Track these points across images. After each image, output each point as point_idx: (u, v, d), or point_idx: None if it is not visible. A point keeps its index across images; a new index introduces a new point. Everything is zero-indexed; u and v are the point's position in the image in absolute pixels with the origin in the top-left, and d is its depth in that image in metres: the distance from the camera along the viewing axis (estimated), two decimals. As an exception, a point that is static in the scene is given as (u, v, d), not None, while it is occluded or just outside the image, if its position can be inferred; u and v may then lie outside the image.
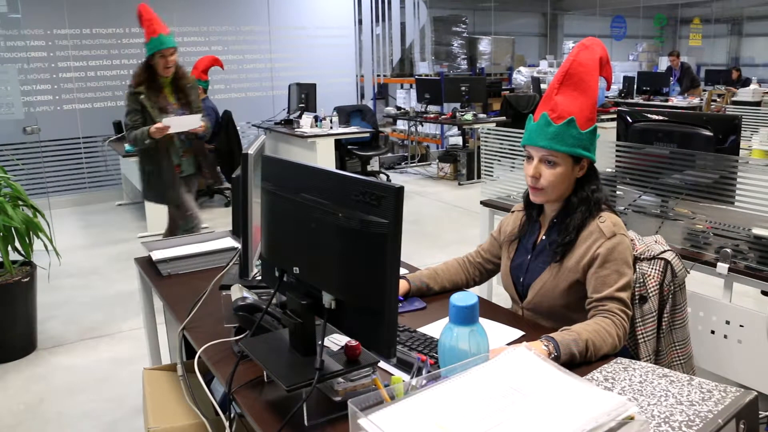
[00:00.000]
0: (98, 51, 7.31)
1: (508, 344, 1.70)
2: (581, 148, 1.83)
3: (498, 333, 1.78)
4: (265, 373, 1.54)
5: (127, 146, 5.95)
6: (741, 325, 2.46)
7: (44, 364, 3.53)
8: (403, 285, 2.07)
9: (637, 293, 1.87)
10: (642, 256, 1.90)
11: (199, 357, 1.70)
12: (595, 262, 1.80)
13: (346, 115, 7.76)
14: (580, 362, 1.60)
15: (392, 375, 1.53)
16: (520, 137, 2.04)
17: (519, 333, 1.80)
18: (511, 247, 2.06)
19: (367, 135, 7.50)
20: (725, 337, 2.51)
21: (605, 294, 1.77)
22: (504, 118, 8.45)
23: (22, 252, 3.57)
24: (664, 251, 1.88)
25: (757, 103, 8.85)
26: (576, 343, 1.60)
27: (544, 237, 1.96)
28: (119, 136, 6.67)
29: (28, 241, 3.56)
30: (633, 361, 1.53)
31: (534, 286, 1.94)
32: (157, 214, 5.87)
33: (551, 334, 1.62)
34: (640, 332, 1.85)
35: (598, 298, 1.77)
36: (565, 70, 1.86)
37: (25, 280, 3.57)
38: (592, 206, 1.87)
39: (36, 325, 3.76)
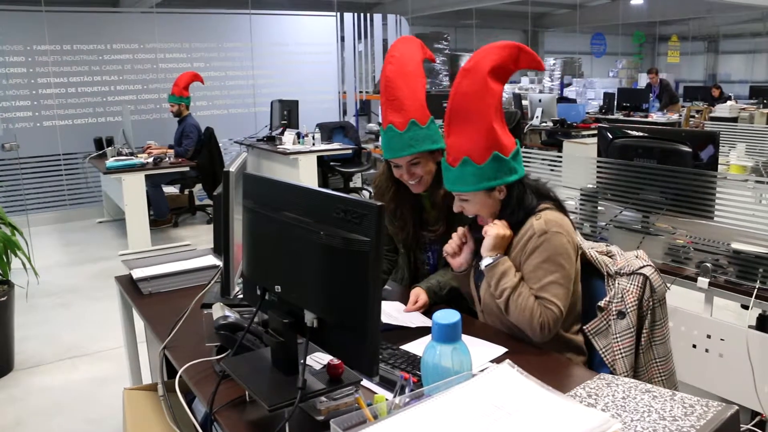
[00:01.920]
0: (79, 67, 7.26)
1: (491, 361, 1.70)
2: (485, 180, 1.83)
3: (481, 350, 1.78)
4: (247, 393, 1.53)
5: (108, 163, 5.92)
6: (722, 339, 2.48)
7: (21, 385, 3.46)
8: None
9: (615, 309, 1.87)
10: (621, 271, 1.90)
11: (180, 376, 1.68)
12: (525, 258, 1.86)
13: (329, 131, 7.76)
14: (497, 290, 1.86)
15: (375, 393, 1.52)
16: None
17: (502, 350, 1.80)
18: None
19: (350, 151, 7.50)
20: (707, 351, 2.52)
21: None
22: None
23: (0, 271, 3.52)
24: (643, 266, 1.88)
25: (734, 119, 8.98)
26: (511, 277, 1.84)
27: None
28: (100, 153, 6.63)
29: (5, 259, 3.51)
30: (616, 377, 1.53)
31: (482, 288, 1.99)
32: (139, 232, 5.85)
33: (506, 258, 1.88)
34: (617, 348, 1.84)
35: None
36: (450, 107, 1.83)
37: (2, 299, 3.51)
38: (521, 216, 1.89)
39: (13, 345, 3.69)
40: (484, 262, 1.90)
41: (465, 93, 1.81)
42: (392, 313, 2.06)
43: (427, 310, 2.10)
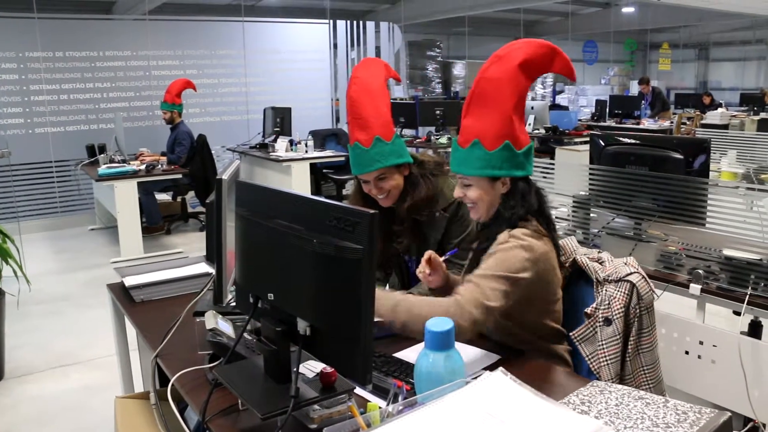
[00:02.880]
0: (71, 74, 7.25)
1: (485, 368, 1.70)
2: (490, 168, 1.80)
3: (474, 357, 1.78)
4: (239, 401, 1.52)
5: (100, 170, 5.90)
6: (714, 345, 2.48)
7: (12, 394, 3.44)
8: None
9: (601, 315, 1.86)
10: (609, 278, 1.90)
11: (173, 385, 1.67)
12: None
13: (322, 138, 7.76)
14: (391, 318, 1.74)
15: (368, 401, 1.51)
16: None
17: (495, 357, 1.80)
18: None
19: (343, 159, 7.50)
20: (699, 357, 2.53)
21: (466, 278, 1.80)
22: (478, 141, 8.48)
23: (-9, 278, 3.50)
24: (631, 273, 1.87)
25: (725, 126, 9.03)
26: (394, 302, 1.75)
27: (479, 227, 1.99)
28: (92, 160, 6.61)
29: (-4, 267, 3.49)
30: (609, 383, 1.53)
31: None
32: (131, 239, 5.83)
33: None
34: (603, 355, 1.83)
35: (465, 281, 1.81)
36: (472, 90, 1.83)
37: (-6, 307, 3.49)
38: (502, 222, 1.85)
39: (3, 354, 3.67)
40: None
41: (490, 78, 1.80)
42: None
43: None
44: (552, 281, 1.88)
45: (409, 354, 1.80)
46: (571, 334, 1.89)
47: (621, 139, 3.26)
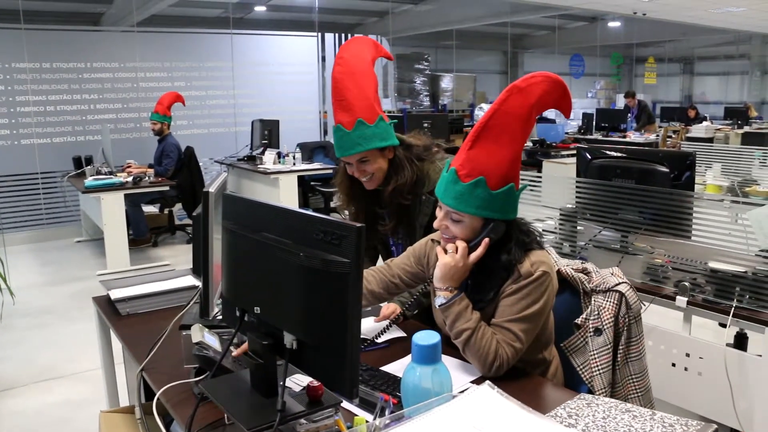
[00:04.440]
0: (58, 85, 7.21)
1: (471, 382, 1.70)
2: (490, 210, 1.72)
3: (460, 370, 1.77)
4: (225, 415, 1.51)
5: (86, 182, 5.87)
6: (701, 358, 2.50)
7: (-5, 408, 3.40)
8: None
9: (591, 326, 1.87)
10: (597, 289, 1.91)
11: (158, 399, 1.66)
12: (506, 296, 1.77)
13: (309, 151, 7.76)
14: (453, 331, 1.74)
15: (355, 415, 1.51)
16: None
17: (483, 370, 1.79)
18: None
19: (331, 171, 7.50)
20: (686, 369, 2.54)
21: (496, 321, 1.76)
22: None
23: (-25, 291, 3.47)
24: (619, 283, 1.89)
25: (710, 140, 9.12)
26: (468, 317, 1.73)
27: (470, 281, 1.86)
28: (79, 171, 6.57)
29: (-20, 280, 3.46)
30: (596, 396, 1.53)
31: (438, 320, 1.93)
32: (118, 252, 5.79)
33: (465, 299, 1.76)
34: (595, 365, 1.85)
35: (493, 323, 1.77)
36: (486, 119, 1.71)
37: (-23, 320, 3.46)
38: (510, 266, 1.76)
39: (-13, 368, 3.63)
40: (437, 301, 1.78)
41: (508, 112, 1.70)
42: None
43: (408, 330, 2.09)
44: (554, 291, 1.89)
45: (396, 367, 1.79)
46: (561, 345, 1.90)
47: (607, 152, 3.28)
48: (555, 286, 1.81)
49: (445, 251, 1.79)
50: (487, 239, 1.75)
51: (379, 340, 1.96)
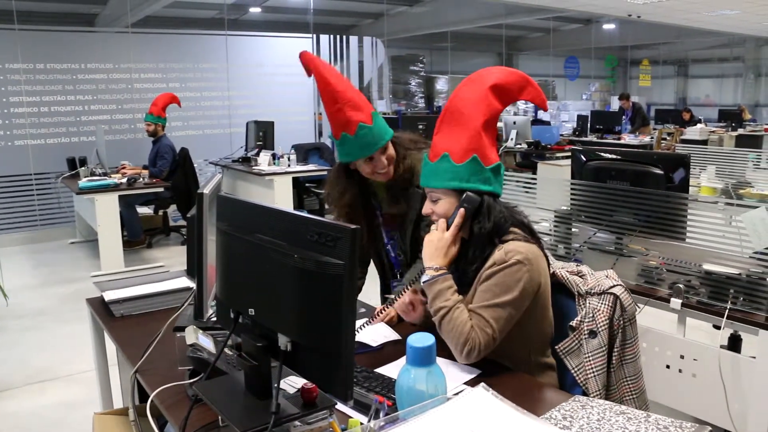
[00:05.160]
0: (52, 86, 7.19)
1: (465, 383, 1.70)
2: (458, 180, 1.83)
3: (455, 372, 1.77)
4: (220, 417, 1.50)
5: (81, 183, 5.85)
6: (695, 359, 2.50)
7: (-12, 411, 3.38)
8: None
9: (586, 328, 1.88)
10: (592, 291, 1.92)
11: (152, 401, 1.65)
12: (480, 283, 1.83)
13: (304, 152, 7.76)
14: (432, 308, 1.81)
15: (350, 417, 1.50)
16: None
17: (476, 372, 1.79)
18: None
19: (325, 173, 7.50)
20: (680, 371, 2.55)
21: (471, 307, 1.82)
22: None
23: (-32, 293, 3.45)
24: (614, 286, 1.90)
25: (704, 142, 9.15)
26: (447, 296, 1.79)
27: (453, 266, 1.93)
28: (73, 172, 6.55)
29: (-26, 281, 3.44)
30: (590, 398, 1.53)
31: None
32: (112, 253, 5.77)
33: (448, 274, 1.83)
34: (589, 367, 1.85)
35: (469, 309, 1.82)
36: (446, 108, 1.89)
37: (-30, 322, 3.44)
38: (485, 242, 1.84)
39: (-20, 369, 3.62)
40: (423, 278, 1.86)
41: (462, 97, 1.86)
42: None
43: (402, 333, 2.09)
44: (546, 285, 1.89)
45: (390, 369, 1.79)
46: (556, 347, 1.90)
47: (602, 154, 3.29)
48: (536, 279, 1.82)
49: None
50: (462, 209, 1.84)
51: (359, 335, 1.96)
